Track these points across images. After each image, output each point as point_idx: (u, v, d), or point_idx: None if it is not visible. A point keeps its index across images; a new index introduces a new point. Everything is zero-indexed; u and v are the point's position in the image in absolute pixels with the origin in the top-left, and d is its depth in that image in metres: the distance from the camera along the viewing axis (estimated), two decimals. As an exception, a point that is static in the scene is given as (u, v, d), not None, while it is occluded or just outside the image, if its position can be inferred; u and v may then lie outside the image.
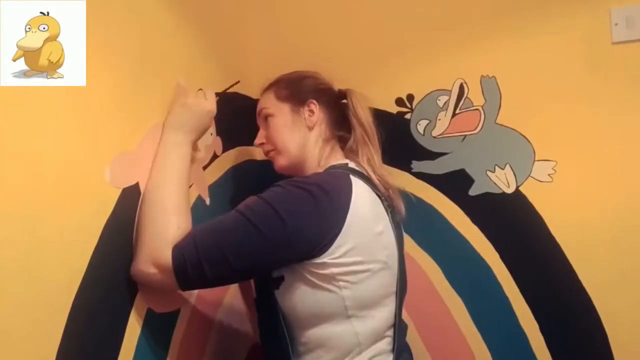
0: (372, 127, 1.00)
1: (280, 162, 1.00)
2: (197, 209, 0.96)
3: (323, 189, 0.81)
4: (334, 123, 1.00)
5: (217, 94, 0.95)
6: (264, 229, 0.77)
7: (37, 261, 0.58)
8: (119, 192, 0.73)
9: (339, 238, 0.80)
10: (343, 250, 0.80)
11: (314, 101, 0.99)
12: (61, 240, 0.61)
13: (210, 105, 0.89)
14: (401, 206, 0.97)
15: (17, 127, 0.57)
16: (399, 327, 0.90)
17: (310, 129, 0.98)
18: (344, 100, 1.02)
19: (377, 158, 0.97)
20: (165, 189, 0.79)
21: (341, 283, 0.81)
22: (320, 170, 0.94)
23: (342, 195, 0.83)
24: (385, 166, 1.00)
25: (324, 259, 0.80)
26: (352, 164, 0.94)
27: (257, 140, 1.05)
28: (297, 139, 0.98)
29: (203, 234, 0.78)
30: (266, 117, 1.02)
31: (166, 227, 0.76)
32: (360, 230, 0.83)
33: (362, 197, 0.86)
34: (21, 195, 0.56)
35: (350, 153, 0.98)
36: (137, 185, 0.78)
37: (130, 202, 0.76)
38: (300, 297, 0.83)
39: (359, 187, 0.87)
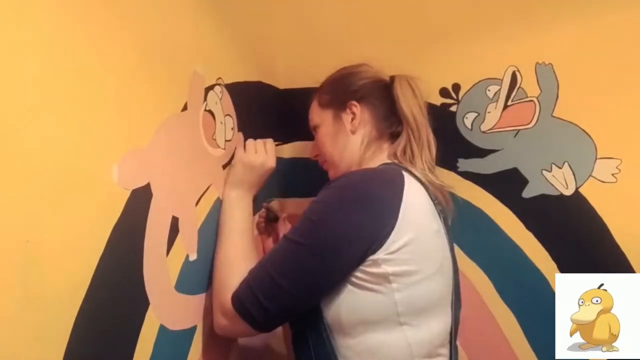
0: (418, 121, 0.92)
1: (331, 173, 0.99)
2: (217, 210, 0.92)
3: (367, 181, 0.79)
4: (383, 120, 0.94)
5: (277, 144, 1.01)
6: (306, 241, 0.76)
7: (35, 273, 0.53)
8: (128, 193, 0.67)
9: (395, 230, 0.74)
10: (399, 245, 0.75)
11: (355, 102, 0.94)
12: (62, 248, 0.56)
13: (269, 161, 0.95)
14: (451, 213, 0.91)
15: (14, 122, 0.51)
16: (454, 347, 0.83)
17: (353, 132, 0.94)
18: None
19: (424, 160, 0.90)
20: (229, 243, 0.86)
21: (394, 285, 0.75)
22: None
23: (392, 185, 0.79)
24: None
25: (379, 255, 0.74)
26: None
27: (311, 153, 1.07)
28: (340, 147, 0.95)
29: (253, 270, 0.80)
30: (315, 129, 1.01)
31: (229, 278, 0.81)
32: (416, 223, 0.78)
33: (415, 188, 0.81)
34: (16, 197, 0.51)
35: (396, 153, 0.92)
36: (148, 186, 0.72)
37: (140, 204, 0.70)
38: (346, 300, 0.76)
39: (411, 180, 0.82)
